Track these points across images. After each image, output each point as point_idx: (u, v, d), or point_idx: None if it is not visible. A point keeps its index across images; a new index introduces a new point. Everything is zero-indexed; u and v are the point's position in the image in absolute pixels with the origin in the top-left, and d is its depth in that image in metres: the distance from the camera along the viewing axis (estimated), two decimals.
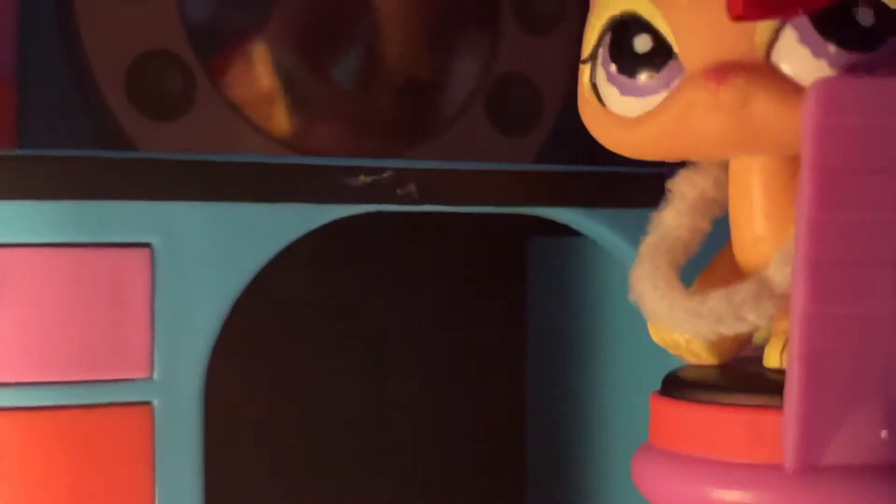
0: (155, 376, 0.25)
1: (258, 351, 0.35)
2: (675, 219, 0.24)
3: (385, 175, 0.27)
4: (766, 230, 0.22)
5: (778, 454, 0.20)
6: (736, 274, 0.23)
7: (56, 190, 0.24)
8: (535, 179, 0.29)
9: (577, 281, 0.36)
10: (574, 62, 0.24)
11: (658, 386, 0.24)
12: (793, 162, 0.22)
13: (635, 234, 0.29)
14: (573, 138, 0.41)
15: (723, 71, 0.21)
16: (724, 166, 0.24)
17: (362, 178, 0.27)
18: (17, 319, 0.24)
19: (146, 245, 0.25)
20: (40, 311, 0.24)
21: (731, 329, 0.22)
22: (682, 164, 0.25)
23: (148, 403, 0.25)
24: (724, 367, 0.24)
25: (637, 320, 0.24)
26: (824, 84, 0.18)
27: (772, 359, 0.23)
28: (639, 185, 0.29)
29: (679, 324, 0.22)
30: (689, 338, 0.23)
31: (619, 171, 0.29)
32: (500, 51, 0.39)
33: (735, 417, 0.21)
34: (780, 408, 0.20)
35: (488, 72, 0.39)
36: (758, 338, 0.24)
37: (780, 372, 0.22)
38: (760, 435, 0.21)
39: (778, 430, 0.20)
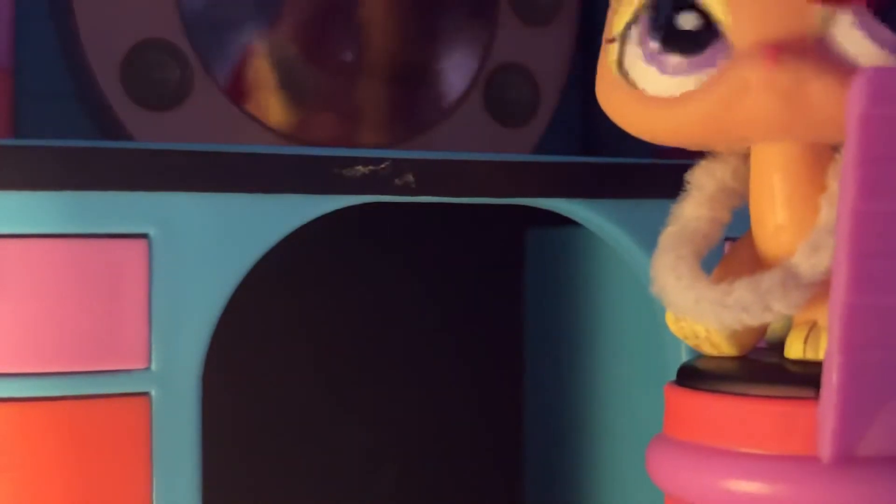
0: (153, 367, 0.25)
1: (255, 342, 0.35)
2: (694, 210, 0.24)
3: (383, 166, 0.27)
4: (787, 219, 0.22)
5: (811, 446, 0.20)
6: (756, 263, 0.23)
7: (53, 181, 0.24)
8: (532, 170, 0.29)
9: (575, 271, 0.36)
10: (572, 52, 0.24)
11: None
12: (814, 151, 0.22)
13: (633, 225, 0.29)
14: (571, 129, 0.41)
15: (780, 49, 0.20)
16: (744, 157, 0.24)
17: (360, 169, 0.27)
18: (14, 310, 0.24)
19: (143, 236, 0.25)
20: (38, 302, 0.24)
21: (757, 319, 0.22)
22: (692, 157, 0.24)
23: (146, 394, 0.25)
24: (743, 359, 0.23)
25: (635, 311, 0.24)
26: (870, 73, 0.18)
27: (794, 349, 0.23)
28: (637, 175, 0.29)
29: (704, 315, 0.22)
30: (710, 329, 0.23)
31: (617, 162, 0.29)
32: (498, 41, 0.39)
33: (767, 408, 0.21)
34: (810, 399, 0.20)
35: (486, 62, 0.39)
36: (772, 330, 0.24)
37: (802, 363, 0.22)
38: (793, 426, 0.21)
39: (812, 421, 0.20)
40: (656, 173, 0.29)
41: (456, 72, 0.39)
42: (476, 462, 0.39)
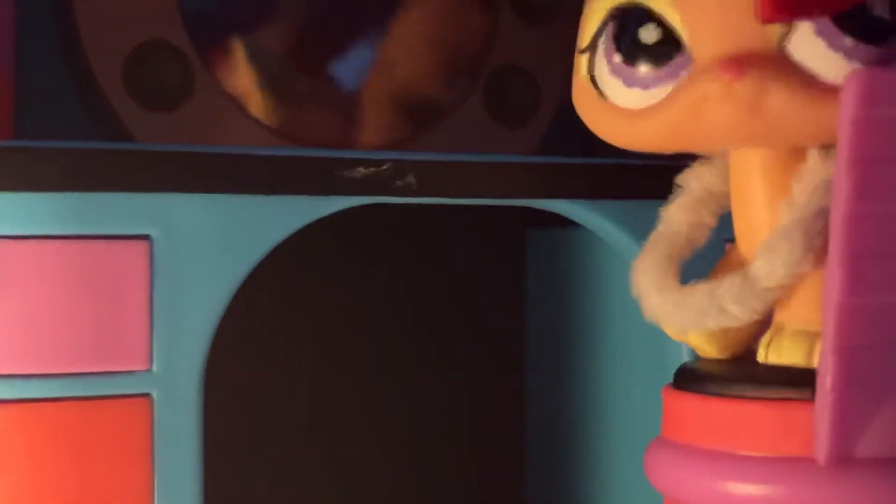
0: (154, 368, 0.25)
1: (257, 343, 0.35)
2: (678, 213, 0.24)
3: (384, 167, 0.27)
4: (765, 223, 0.22)
5: (808, 448, 0.20)
6: (742, 266, 0.23)
7: (54, 182, 0.24)
8: (534, 171, 0.29)
9: (577, 272, 0.36)
10: (572, 53, 0.24)
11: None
12: (793, 152, 0.22)
13: (635, 226, 0.29)
14: (572, 130, 0.41)
15: (738, 62, 0.20)
16: None
17: (361, 171, 0.27)
18: (16, 312, 0.24)
19: (145, 237, 0.25)
20: (39, 303, 0.24)
21: (716, 322, 0.22)
22: (691, 158, 0.24)
23: (147, 395, 0.25)
24: (740, 361, 0.23)
25: (635, 311, 0.24)
26: (861, 75, 0.18)
27: (760, 353, 0.23)
28: (638, 176, 0.29)
29: (668, 317, 0.22)
30: (680, 331, 0.23)
31: (619, 163, 0.29)
32: (498, 42, 0.39)
33: (764, 410, 0.21)
34: (807, 400, 0.20)
35: (486, 63, 0.39)
36: None
37: (769, 368, 0.22)
38: (790, 428, 0.21)
39: (809, 423, 0.20)
40: (657, 174, 0.29)
41: (456, 73, 0.39)
42: (476, 462, 0.39)
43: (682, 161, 0.25)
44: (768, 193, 0.22)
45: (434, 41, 0.38)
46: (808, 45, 0.20)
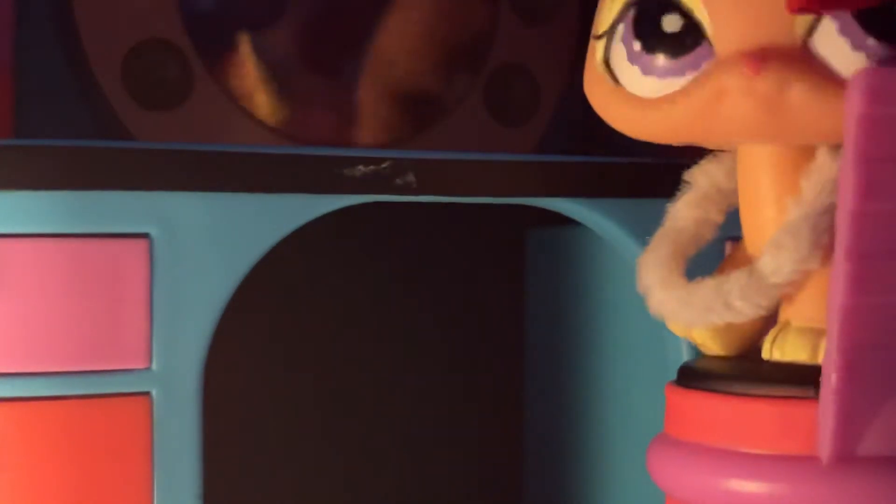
0: (154, 366, 0.25)
1: (257, 341, 0.35)
2: (684, 209, 0.24)
3: (383, 165, 0.27)
4: (772, 218, 0.22)
5: (811, 446, 0.20)
6: (749, 263, 0.23)
7: (54, 180, 0.24)
8: (533, 170, 0.29)
9: (576, 271, 0.36)
10: (572, 52, 0.24)
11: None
12: (802, 149, 0.22)
13: (635, 224, 0.29)
14: (572, 128, 0.41)
15: (761, 57, 0.20)
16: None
17: (361, 169, 0.27)
18: (15, 310, 0.24)
19: (145, 236, 0.25)
20: (39, 301, 0.24)
21: (721, 318, 0.22)
22: (695, 154, 0.24)
23: (147, 393, 0.25)
24: (743, 359, 0.23)
25: (636, 310, 0.24)
26: (867, 73, 0.18)
27: (765, 349, 0.23)
28: (637, 174, 0.29)
29: (673, 313, 0.22)
30: (685, 327, 0.23)
31: (618, 161, 0.29)
32: (498, 41, 0.39)
33: (767, 408, 0.21)
34: (811, 399, 0.20)
35: (486, 61, 0.39)
36: None
37: (772, 365, 0.22)
38: (793, 426, 0.21)
39: (812, 421, 0.20)
40: (657, 172, 0.29)
41: (456, 72, 0.39)
42: (476, 462, 0.39)
43: (683, 159, 0.25)
44: (776, 190, 0.22)
45: (432, 38, 0.38)
46: (832, 43, 0.20)
